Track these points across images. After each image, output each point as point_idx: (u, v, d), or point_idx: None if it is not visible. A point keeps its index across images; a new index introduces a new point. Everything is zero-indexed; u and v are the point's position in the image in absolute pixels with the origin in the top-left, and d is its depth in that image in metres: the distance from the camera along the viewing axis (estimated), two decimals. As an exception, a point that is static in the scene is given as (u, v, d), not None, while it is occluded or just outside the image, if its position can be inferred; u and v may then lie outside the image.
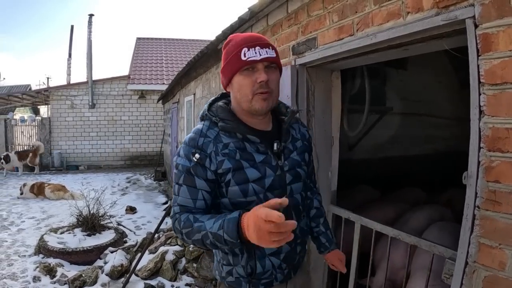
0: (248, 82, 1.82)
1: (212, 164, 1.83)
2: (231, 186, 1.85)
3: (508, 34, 1.66)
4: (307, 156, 2.15)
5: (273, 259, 1.98)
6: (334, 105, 3.57)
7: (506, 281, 1.71)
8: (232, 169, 1.83)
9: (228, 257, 2.00)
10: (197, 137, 1.87)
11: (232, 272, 2.02)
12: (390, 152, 6.10)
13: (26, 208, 10.25)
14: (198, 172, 1.83)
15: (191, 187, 1.84)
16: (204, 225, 1.70)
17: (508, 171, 1.69)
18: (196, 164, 1.82)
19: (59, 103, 19.11)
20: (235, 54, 1.83)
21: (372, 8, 2.45)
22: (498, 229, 1.73)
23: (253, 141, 1.89)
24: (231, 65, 1.86)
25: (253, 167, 1.86)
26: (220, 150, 1.84)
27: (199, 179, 1.83)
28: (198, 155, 1.82)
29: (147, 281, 5.35)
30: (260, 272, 1.97)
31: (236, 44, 1.87)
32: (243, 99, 1.86)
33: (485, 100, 1.75)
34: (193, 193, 1.83)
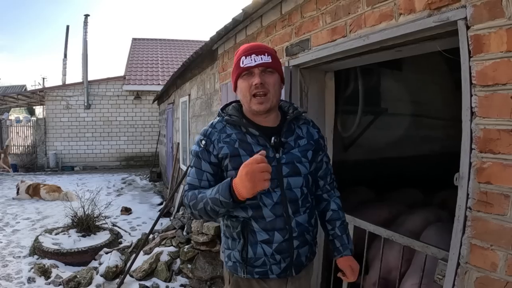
0: (246, 85, 2.08)
1: (215, 149, 2.10)
2: (229, 170, 2.06)
3: (500, 36, 1.66)
4: (311, 154, 2.22)
5: (265, 247, 2.08)
6: (328, 106, 3.57)
7: (498, 282, 1.71)
8: (229, 155, 2.06)
9: (228, 242, 2.22)
10: (208, 128, 2.19)
11: (230, 256, 2.20)
12: (385, 153, 6.09)
13: (21, 209, 10.22)
14: (204, 156, 2.11)
15: (198, 169, 2.12)
16: (205, 194, 1.96)
17: (500, 172, 1.69)
18: (203, 149, 2.12)
19: (55, 103, 19.06)
20: (237, 62, 2.12)
21: (364, 10, 2.46)
22: (489, 230, 1.73)
23: (254, 134, 2.10)
24: (234, 72, 2.16)
25: (249, 156, 1.96)
26: (222, 139, 2.11)
27: (204, 162, 2.11)
28: (204, 141, 2.13)
29: (141, 282, 5.33)
30: (251, 258, 2.10)
31: (238, 53, 2.16)
32: (244, 100, 2.13)
33: (477, 102, 1.76)
34: (199, 174, 2.12)
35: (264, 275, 2.13)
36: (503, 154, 1.67)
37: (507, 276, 1.68)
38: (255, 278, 2.15)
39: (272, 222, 2.06)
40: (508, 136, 1.65)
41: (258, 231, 2.06)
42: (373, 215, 3.85)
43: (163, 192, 12.54)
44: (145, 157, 19.89)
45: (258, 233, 2.06)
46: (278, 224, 2.07)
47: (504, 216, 1.68)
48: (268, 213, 2.05)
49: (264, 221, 2.05)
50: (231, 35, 4.65)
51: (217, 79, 5.76)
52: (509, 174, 1.65)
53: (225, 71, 5.09)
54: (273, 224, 2.06)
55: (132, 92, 19.53)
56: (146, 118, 20.05)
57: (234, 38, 4.66)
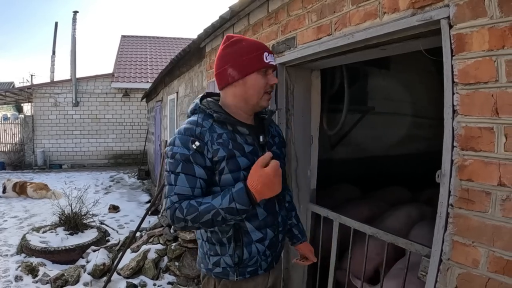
0: (263, 82, 2.06)
1: (209, 152, 1.94)
2: (224, 174, 1.95)
3: (482, 35, 1.68)
4: (283, 151, 2.34)
5: (259, 246, 2.09)
6: (314, 104, 3.58)
7: (479, 278, 1.72)
8: (226, 157, 1.95)
9: (216, 248, 2.09)
10: (193, 127, 1.99)
11: (219, 263, 2.10)
12: (372, 152, 6.12)
13: (9, 207, 10.17)
14: (198, 160, 1.92)
15: (189, 175, 1.91)
16: (212, 205, 1.82)
17: (481, 169, 1.71)
18: (195, 152, 1.92)
19: (43, 101, 18.96)
20: (257, 55, 2.03)
21: (350, 8, 2.46)
22: (471, 227, 1.75)
23: (243, 133, 2.05)
24: (250, 64, 2.03)
25: (244, 156, 2.00)
26: (215, 139, 1.96)
27: (198, 167, 1.92)
28: (198, 142, 1.92)
29: (129, 280, 5.33)
30: (246, 259, 2.07)
31: (255, 46, 2.09)
32: (255, 95, 2.07)
33: (459, 100, 1.77)
34: (191, 181, 1.91)
35: (254, 273, 2.14)
36: (484, 152, 1.69)
37: (488, 273, 1.69)
38: (245, 278, 2.13)
39: (265, 220, 2.08)
40: (489, 133, 1.67)
41: (252, 231, 2.05)
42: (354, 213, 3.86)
43: (151, 190, 12.53)
44: (134, 155, 19.85)
45: (252, 233, 2.06)
46: (269, 220, 2.10)
47: (485, 213, 1.69)
48: (261, 212, 2.07)
49: (257, 220, 2.06)
50: (218, 33, 4.65)
51: (204, 77, 5.75)
52: (490, 172, 1.67)
53: (212, 68, 5.07)
54: (265, 222, 2.08)
55: (121, 89, 19.47)
56: (134, 115, 20.01)
57: (221, 36, 4.65)
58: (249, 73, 2.03)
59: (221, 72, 2.11)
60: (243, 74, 2.04)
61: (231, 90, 2.10)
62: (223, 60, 2.11)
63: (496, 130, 1.65)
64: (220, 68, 2.12)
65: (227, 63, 2.08)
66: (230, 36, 2.17)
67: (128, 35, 25.14)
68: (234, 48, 2.09)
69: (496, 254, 1.66)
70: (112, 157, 19.93)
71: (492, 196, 1.67)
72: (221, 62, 2.11)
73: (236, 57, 2.06)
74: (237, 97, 2.09)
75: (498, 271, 1.65)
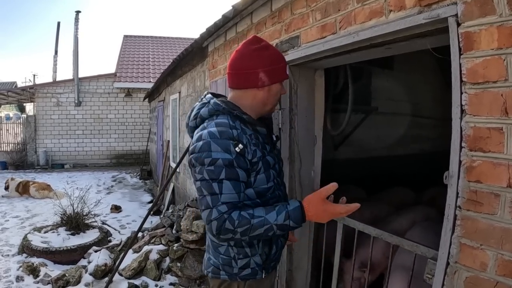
0: (281, 91, 2.20)
1: (249, 154, 1.94)
2: (260, 173, 2.00)
3: (490, 33, 1.64)
4: None
5: (282, 240, 2.23)
6: (317, 104, 3.56)
7: (487, 282, 1.70)
8: (262, 157, 2.01)
9: (245, 250, 2.10)
10: (228, 130, 1.92)
11: (249, 264, 2.11)
12: (376, 152, 6.10)
13: (11, 207, 10.18)
14: (241, 163, 1.90)
15: (234, 181, 1.87)
16: (267, 220, 1.81)
17: (490, 171, 1.67)
18: (238, 155, 1.88)
19: (45, 100, 19.00)
20: (283, 68, 2.16)
21: (355, 6, 2.43)
22: (479, 229, 1.72)
23: (262, 133, 2.11)
24: (280, 74, 2.14)
25: (269, 155, 2.09)
26: (251, 141, 1.98)
27: (241, 171, 1.90)
28: (241, 145, 1.89)
29: (131, 281, 5.31)
30: (273, 253, 2.17)
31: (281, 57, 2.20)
32: (273, 103, 2.19)
33: (467, 99, 1.74)
34: (237, 187, 1.88)
35: (274, 267, 2.26)
36: (493, 153, 1.66)
37: (497, 276, 1.66)
38: (269, 272, 2.20)
39: None
40: (498, 134, 1.63)
41: None
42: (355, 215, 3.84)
43: (153, 190, 12.53)
44: (136, 155, 19.88)
45: None
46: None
47: (494, 216, 1.66)
48: None
49: None
50: (221, 32, 4.63)
51: (207, 77, 5.73)
52: (499, 173, 1.64)
53: (215, 68, 5.06)
54: None
55: (123, 89, 19.49)
56: (136, 115, 20.04)
57: (224, 35, 4.64)
58: (277, 82, 2.12)
59: (251, 73, 2.08)
60: (272, 81, 2.09)
61: (253, 92, 2.10)
62: (254, 62, 2.08)
63: (506, 131, 1.61)
64: (249, 69, 2.08)
65: (260, 66, 2.07)
66: (259, 39, 2.18)
67: (130, 35, 25.18)
68: (268, 53, 2.11)
69: (505, 257, 1.63)
70: (114, 157, 19.96)
71: (501, 198, 1.64)
72: (251, 64, 2.08)
73: (270, 63, 2.09)
74: (257, 100, 2.12)
75: (507, 274, 1.63)
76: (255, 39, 2.16)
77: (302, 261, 3.58)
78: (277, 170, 2.16)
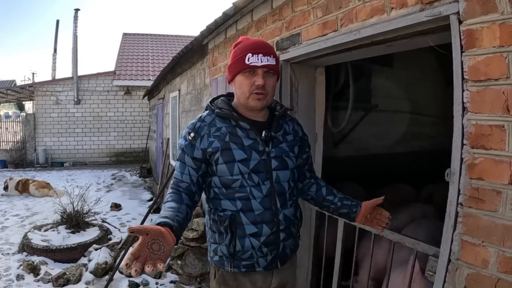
0: (247, 83, 2.10)
1: (202, 144, 2.11)
2: (219, 164, 2.10)
3: (492, 31, 1.65)
4: (297, 150, 2.33)
5: (253, 240, 2.13)
6: (318, 102, 3.56)
7: (489, 279, 1.70)
8: (220, 149, 2.09)
9: (215, 236, 2.22)
10: (196, 122, 2.19)
11: (217, 251, 2.22)
12: (376, 150, 6.11)
13: (10, 205, 10.15)
14: (188, 150, 2.13)
15: (181, 162, 2.15)
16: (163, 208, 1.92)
17: (491, 168, 1.68)
18: (188, 143, 2.13)
19: (44, 99, 18.95)
20: (241, 57, 2.11)
21: (356, 4, 2.44)
22: (481, 226, 1.73)
23: (244, 127, 2.15)
24: (235, 66, 2.14)
25: (241, 149, 2.11)
26: (212, 133, 2.12)
27: (187, 156, 2.13)
28: (192, 134, 2.13)
29: (131, 279, 5.31)
30: (239, 251, 2.14)
31: (243, 47, 2.15)
32: (242, 95, 2.15)
33: (469, 97, 1.75)
34: (181, 167, 2.14)
35: (250, 268, 2.19)
36: (495, 150, 1.66)
37: (498, 273, 1.67)
38: (241, 271, 2.19)
39: (261, 215, 2.11)
40: (500, 131, 1.64)
41: (246, 224, 2.11)
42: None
43: (153, 188, 12.51)
44: (135, 153, 19.84)
45: (247, 226, 2.11)
46: (267, 217, 2.13)
47: (495, 213, 1.67)
48: (257, 206, 2.10)
49: (253, 214, 2.10)
50: (221, 29, 4.63)
51: (207, 74, 5.73)
52: (501, 170, 1.65)
53: (215, 66, 5.06)
54: (261, 217, 2.11)
55: (123, 87, 19.44)
56: (136, 113, 19.99)
57: (224, 32, 4.63)
58: (235, 75, 2.16)
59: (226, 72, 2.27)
60: (231, 76, 2.19)
61: (234, 89, 2.24)
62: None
63: (507, 128, 1.62)
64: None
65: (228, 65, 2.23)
66: (238, 39, 2.29)
67: (129, 32, 25.11)
68: (233, 50, 2.22)
69: (506, 254, 1.64)
70: (114, 155, 19.93)
71: (502, 195, 1.65)
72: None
73: (231, 59, 2.21)
74: (236, 95, 2.24)
75: (508, 271, 1.63)
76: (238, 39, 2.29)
77: (303, 259, 3.59)
78: (250, 166, 2.10)
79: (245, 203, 2.10)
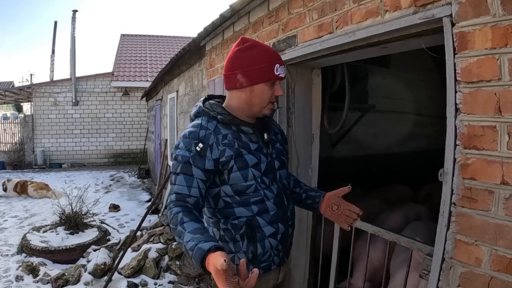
0: (270, 92, 2.09)
1: (214, 154, 2.00)
2: (233, 172, 2.03)
3: (485, 33, 1.67)
4: (285, 147, 2.39)
5: (272, 240, 2.14)
6: (314, 103, 3.58)
7: (482, 277, 1.72)
8: (233, 156, 2.03)
9: (229, 245, 2.14)
10: (197, 130, 2.05)
11: (233, 260, 2.09)
12: (372, 150, 6.13)
13: (9, 207, 10.16)
14: (196, 161, 1.98)
15: (187, 175, 1.97)
16: (184, 235, 1.76)
17: (484, 168, 1.70)
18: (195, 154, 1.99)
19: (42, 100, 18.94)
20: (269, 67, 2.06)
21: (351, 6, 2.46)
22: (474, 225, 1.75)
23: (246, 132, 2.11)
24: (262, 74, 2.06)
25: (251, 154, 2.08)
26: (221, 141, 2.04)
27: (196, 168, 1.97)
28: (201, 144, 1.99)
29: (130, 279, 5.33)
30: (260, 254, 2.12)
31: (267, 56, 2.10)
32: (260, 104, 2.11)
33: (461, 98, 1.77)
34: (189, 181, 1.96)
35: (267, 268, 2.19)
36: (487, 150, 1.69)
37: (491, 271, 1.69)
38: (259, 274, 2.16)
39: (276, 214, 2.13)
40: (492, 132, 1.66)
41: (264, 226, 2.10)
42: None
43: (152, 189, 12.52)
44: (134, 154, 19.82)
45: (265, 228, 2.11)
46: (280, 215, 2.16)
47: (488, 212, 1.69)
48: (272, 206, 2.12)
49: (269, 215, 2.11)
50: (218, 31, 4.64)
51: (204, 75, 5.74)
52: (493, 170, 1.67)
53: (212, 67, 5.08)
54: (276, 216, 2.14)
55: (121, 88, 19.44)
56: (134, 114, 19.98)
57: (221, 34, 4.65)
58: (257, 83, 2.07)
59: (230, 75, 2.14)
60: (251, 83, 2.08)
61: (237, 94, 2.14)
62: (234, 64, 2.13)
63: (499, 129, 1.64)
64: (229, 71, 2.15)
65: (238, 68, 2.10)
66: (245, 40, 2.18)
67: (127, 34, 25.10)
68: (247, 54, 2.11)
69: (499, 253, 1.66)
70: (112, 156, 19.92)
71: (495, 194, 1.67)
72: (232, 65, 2.14)
73: (248, 64, 2.08)
74: (242, 102, 2.14)
75: (501, 269, 1.65)
76: (241, 40, 2.18)
77: (300, 258, 3.61)
78: (262, 169, 2.10)
79: (261, 206, 2.09)
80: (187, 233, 1.76)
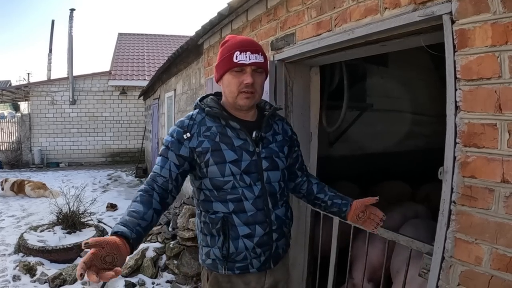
0: (235, 81, 2.07)
1: (192, 142, 2.06)
2: (210, 165, 2.05)
3: (485, 30, 1.67)
4: (287, 150, 2.30)
5: (246, 241, 2.10)
6: (313, 101, 3.57)
7: (482, 276, 1.72)
8: (210, 149, 2.05)
9: (207, 239, 2.18)
10: (185, 120, 2.16)
11: (209, 254, 2.18)
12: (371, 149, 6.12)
13: (6, 206, 10.11)
14: (173, 146, 2.07)
15: (163, 157, 2.09)
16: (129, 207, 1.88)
17: (484, 166, 1.70)
18: (175, 140, 2.08)
19: (39, 99, 18.88)
20: (228, 56, 2.07)
21: (350, 4, 2.45)
22: (474, 224, 1.74)
23: (234, 127, 2.11)
24: (223, 64, 2.10)
25: (231, 150, 2.08)
26: (202, 132, 2.09)
27: (171, 152, 2.07)
28: (189, 134, 2.08)
29: (127, 279, 5.30)
30: (233, 253, 2.11)
31: (231, 45, 2.11)
32: (230, 94, 2.11)
33: (461, 96, 1.76)
34: (163, 162, 2.08)
35: (244, 270, 2.16)
36: (487, 148, 1.68)
37: (491, 270, 1.69)
38: (235, 273, 2.17)
39: (253, 216, 2.09)
40: (492, 130, 1.66)
41: (239, 226, 2.08)
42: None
43: (149, 188, 12.48)
44: (131, 153, 19.78)
45: (240, 227, 2.08)
46: (259, 217, 2.11)
47: (488, 210, 1.69)
48: (249, 207, 2.08)
49: (245, 215, 2.08)
50: (216, 29, 4.63)
51: (202, 74, 5.74)
52: (493, 168, 1.66)
53: (210, 65, 5.07)
54: (254, 218, 2.09)
55: (118, 87, 19.38)
56: (132, 113, 19.93)
57: (219, 32, 4.64)
58: (222, 74, 2.13)
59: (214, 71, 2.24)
60: (219, 75, 2.16)
61: (222, 88, 2.21)
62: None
63: (499, 127, 1.64)
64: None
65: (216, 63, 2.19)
66: (226, 38, 2.24)
67: (125, 32, 25.03)
68: (221, 49, 2.18)
69: (499, 252, 1.66)
70: (110, 155, 19.88)
71: (495, 193, 1.67)
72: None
73: (218, 59, 2.18)
74: (224, 94, 2.20)
75: (502, 268, 1.65)
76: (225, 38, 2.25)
77: (299, 257, 3.60)
78: (242, 167, 2.07)
79: (237, 205, 2.07)
80: (126, 210, 1.86)
